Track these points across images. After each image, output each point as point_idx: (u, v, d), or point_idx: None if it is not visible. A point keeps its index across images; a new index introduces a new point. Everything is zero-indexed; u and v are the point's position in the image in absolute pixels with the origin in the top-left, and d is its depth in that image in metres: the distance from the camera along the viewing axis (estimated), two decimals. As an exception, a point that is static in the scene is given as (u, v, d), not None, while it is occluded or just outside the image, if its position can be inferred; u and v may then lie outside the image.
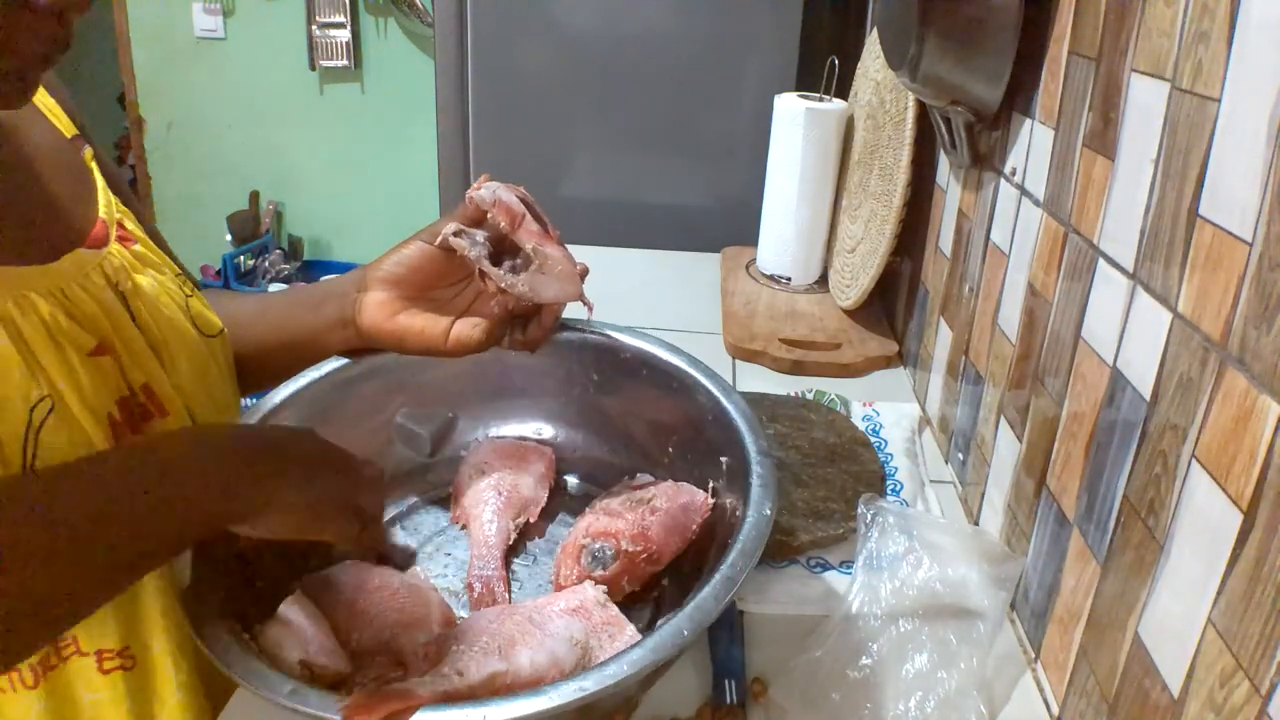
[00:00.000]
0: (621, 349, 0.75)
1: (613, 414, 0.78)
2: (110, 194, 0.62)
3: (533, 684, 0.51)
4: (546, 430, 0.82)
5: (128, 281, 0.59)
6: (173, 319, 0.62)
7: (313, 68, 2.73)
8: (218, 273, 2.76)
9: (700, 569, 0.68)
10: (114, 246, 0.59)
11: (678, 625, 0.49)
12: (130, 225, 0.63)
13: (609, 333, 0.76)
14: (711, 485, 0.69)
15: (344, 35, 2.66)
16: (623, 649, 0.53)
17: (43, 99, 0.61)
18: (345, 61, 2.69)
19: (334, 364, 0.73)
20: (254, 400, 0.72)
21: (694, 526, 0.67)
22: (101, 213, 0.60)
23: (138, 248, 0.62)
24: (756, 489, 0.59)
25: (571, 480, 0.81)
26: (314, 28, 2.66)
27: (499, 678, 0.52)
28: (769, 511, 0.57)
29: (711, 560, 0.63)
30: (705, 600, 0.51)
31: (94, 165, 0.63)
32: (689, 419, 0.71)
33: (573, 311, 0.68)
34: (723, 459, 0.67)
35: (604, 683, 0.46)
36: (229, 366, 0.69)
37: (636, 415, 0.76)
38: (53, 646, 0.55)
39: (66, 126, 0.62)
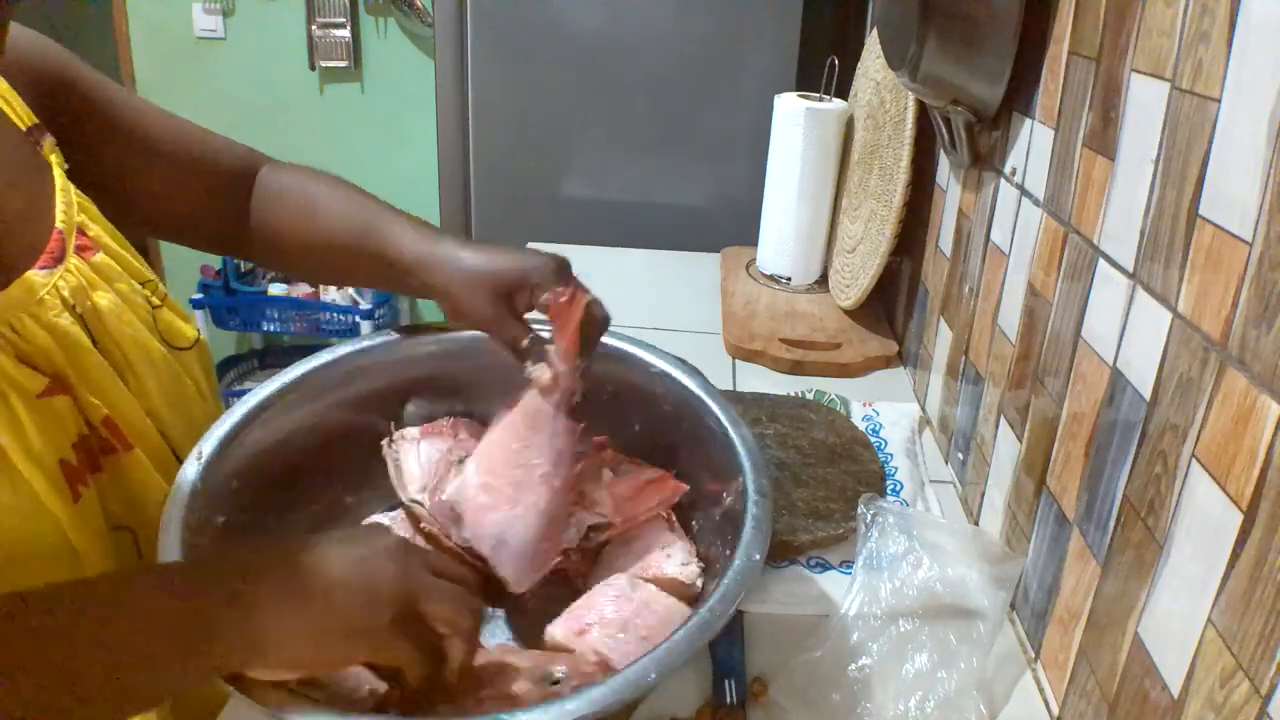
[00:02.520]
0: (641, 365, 0.73)
1: (622, 428, 0.74)
2: (71, 191, 0.58)
3: None
4: None
5: (86, 301, 0.56)
6: (137, 337, 0.59)
7: (313, 68, 2.72)
8: (218, 272, 2.75)
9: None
10: (71, 262, 0.56)
11: (644, 667, 0.47)
12: (94, 229, 0.59)
13: (629, 348, 0.73)
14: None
15: (344, 35, 2.66)
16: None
17: None
18: (345, 61, 2.69)
19: (339, 351, 0.71)
20: (241, 394, 0.71)
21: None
22: (59, 221, 0.56)
23: (99, 257, 0.58)
24: (749, 531, 0.57)
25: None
26: (314, 28, 2.66)
27: None
28: (759, 557, 0.55)
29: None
30: (677, 645, 0.49)
31: (54, 158, 0.59)
32: (694, 447, 0.69)
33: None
34: (724, 495, 0.65)
35: (563, 719, 0.45)
36: (207, 378, 0.67)
37: (647, 437, 0.74)
38: None
39: (22, 115, 0.58)
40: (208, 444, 0.59)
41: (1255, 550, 0.42)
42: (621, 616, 0.58)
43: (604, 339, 0.70)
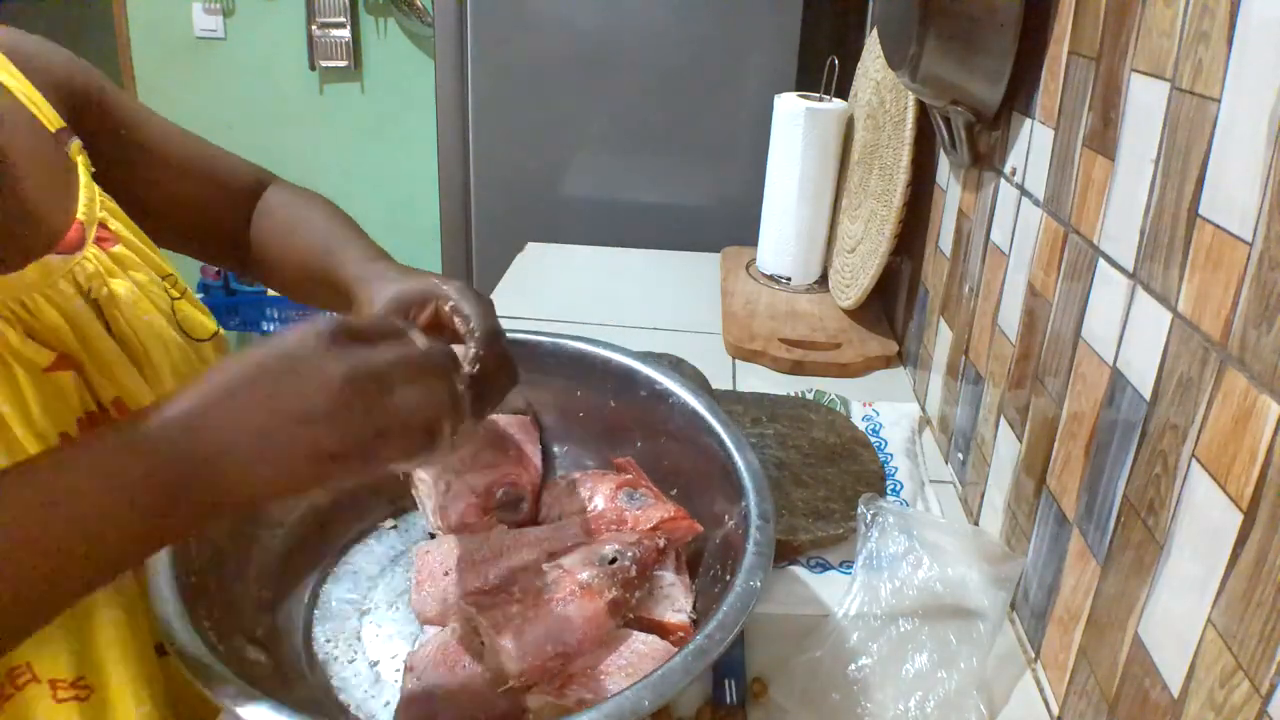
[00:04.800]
0: (646, 382, 0.71)
1: (624, 446, 0.73)
2: (95, 190, 0.60)
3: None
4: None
5: (102, 288, 0.57)
6: (153, 325, 0.60)
7: (313, 68, 2.72)
8: (218, 272, 2.76)
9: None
10: (90, 250, 0.57)
11: (639, 694, 0.46)
12: (115, 224, 0.61)
13: (635, 364, 0.71)
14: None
15: (344, 35, 2.66)
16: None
17: (27, 91, 0.59)
18: (345, 61, 2.69)
19: None
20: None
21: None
22: (80, 213, 0.58)
23: (118, 249, 0.60)
24: (750, 556, 0.56)
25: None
26: (314, 28, 2.66)
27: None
28: (758, 584, 0.54)
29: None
30: (673, 672, 0.48)
31: (80, 160, 0.61)
32: (698, 468, 0.68)
33: (576, 324, 0.67)
34: (726, 519, 0.63)
35: None
36: None
37: (650, 456, 0.72)
38: (6, 675, 0.51)
39: (51, 119, 0.60)
40: None
41: (1255, 550, 0.42)
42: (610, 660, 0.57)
43: (611, 354, 0.70)
